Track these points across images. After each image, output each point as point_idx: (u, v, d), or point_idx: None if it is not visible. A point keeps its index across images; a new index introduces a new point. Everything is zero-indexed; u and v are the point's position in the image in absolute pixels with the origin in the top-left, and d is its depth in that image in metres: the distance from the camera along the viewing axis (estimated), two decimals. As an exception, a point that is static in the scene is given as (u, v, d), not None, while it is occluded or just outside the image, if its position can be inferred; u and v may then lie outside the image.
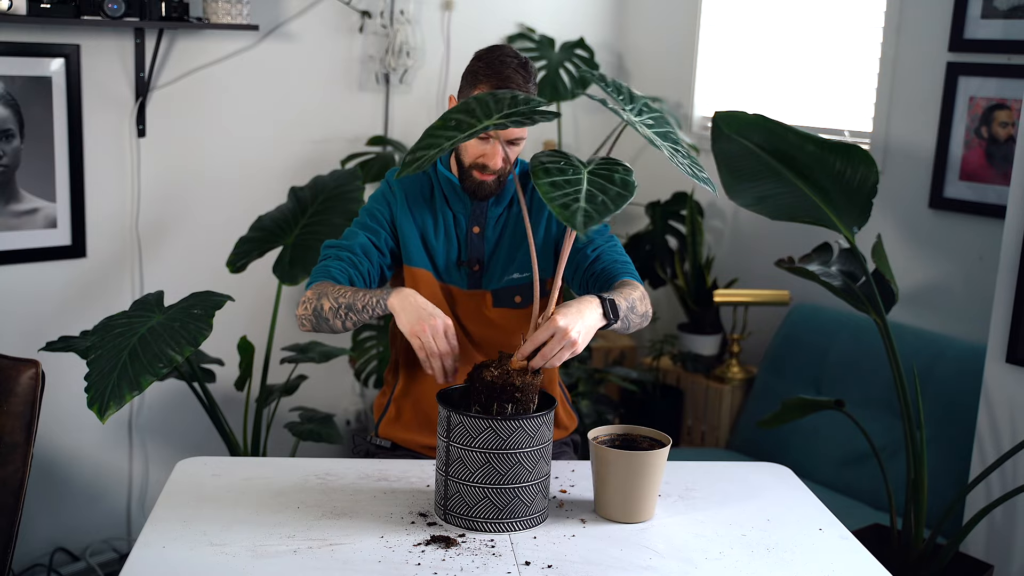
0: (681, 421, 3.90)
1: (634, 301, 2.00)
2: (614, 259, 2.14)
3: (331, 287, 2.04)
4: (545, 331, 1.80)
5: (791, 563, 1.71)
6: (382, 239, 2.16)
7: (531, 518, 1.79)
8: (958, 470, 2.97)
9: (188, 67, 3.21)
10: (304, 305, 2.06)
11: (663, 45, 4.21)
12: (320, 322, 2.05)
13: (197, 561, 1.62)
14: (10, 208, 2.94)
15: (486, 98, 1.77)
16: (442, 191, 2.18)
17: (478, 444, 1.74)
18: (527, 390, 1.79)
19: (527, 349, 1.81)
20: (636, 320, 2.03)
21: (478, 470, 1.75)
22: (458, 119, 1.75)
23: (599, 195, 1.60)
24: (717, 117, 2.62)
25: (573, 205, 1.57)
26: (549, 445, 1.80)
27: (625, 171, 1.67)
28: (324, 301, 2.02)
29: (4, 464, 1.90)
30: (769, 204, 2.56)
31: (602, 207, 1.58)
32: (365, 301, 1.99)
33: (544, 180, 1.60)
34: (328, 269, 2.11)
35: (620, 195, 1.61)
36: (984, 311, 3.08)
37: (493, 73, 2.04)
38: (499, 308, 2.20)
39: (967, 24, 3.19)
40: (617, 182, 1.64)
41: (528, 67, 2.08)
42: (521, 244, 2.19)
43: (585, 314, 1.85)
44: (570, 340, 1.80)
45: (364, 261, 2.14)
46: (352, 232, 2.17)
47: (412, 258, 2.17)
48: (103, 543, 3.28)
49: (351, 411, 3.78)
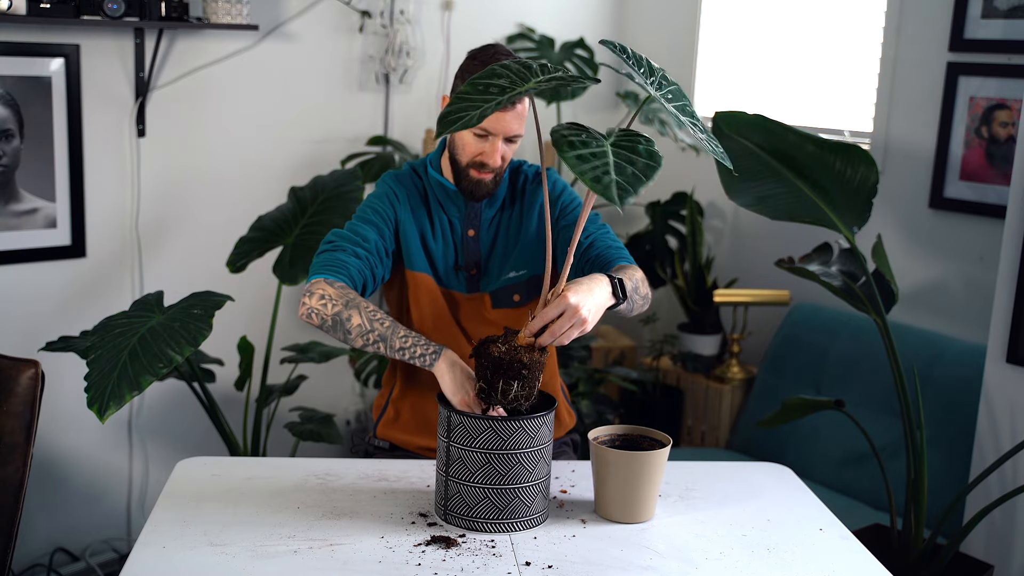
0: (681, 421, 3.90)
1: (637, 282, 2.00)
2: (608, 245, 2.13)
3: (363, 302, 1.95)
4: (555, 308, 1.76)
5: (791, 563, 1.71)
6: (387, 239, 2.12)
7: (532, 518, 1.79)
8: (958, 470, 2.97)
9: (188, 67, 3.21)
10: (324, 302, 1.96)
11: (663, 45, 4.21)
12: (337, 330, 1.96)
13: (197, 561, 1.62)
14: (10, 208, 2.94)
15: (514, 64, 1.69)
16: (435, 195, 2.16)
17: (478, 444, 1.74)
18: (534, 367, 1.76)
19: (536, 325, 1.77)
20: (639, 301, 2.02)
21: (479, 470, 1.75)
22: (492, 84, 1.67)
23: (627, 167, 1.56)
24: (717, 117, 2.62)
25: (605, 178, 1.52)
26: (549, 445, 1.80)
27: (647, 142, 1.62)
28: (354, 316, 1.93)
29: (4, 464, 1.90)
30: (769, 204, 2.56)
31: (633, 179, 1.54)
32: (405, 345, 1.92)
33: (570, 153, 1.54)
34: (346, 265, 2.02)
35: (648, 166, 1.57)
36: (984, 311, 3.08)
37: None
38: (499, 309, 2.20)
39: (967, 24, 3.19)
40: (642, 153, 1.59)
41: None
42: (516, 244, 2.19)
43: (595, 291, 1.83)
44: (580, 318, 1.76)
45: (379, 265, 2.08)
46: (360, 226, 2.10)
47: (414, 262, 2.15)
48: (103, 543, 3.28)
49: (351, 411, 3.78)
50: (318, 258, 2.06)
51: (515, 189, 2.21)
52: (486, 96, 1.65)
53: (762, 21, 3.95)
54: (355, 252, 2.05)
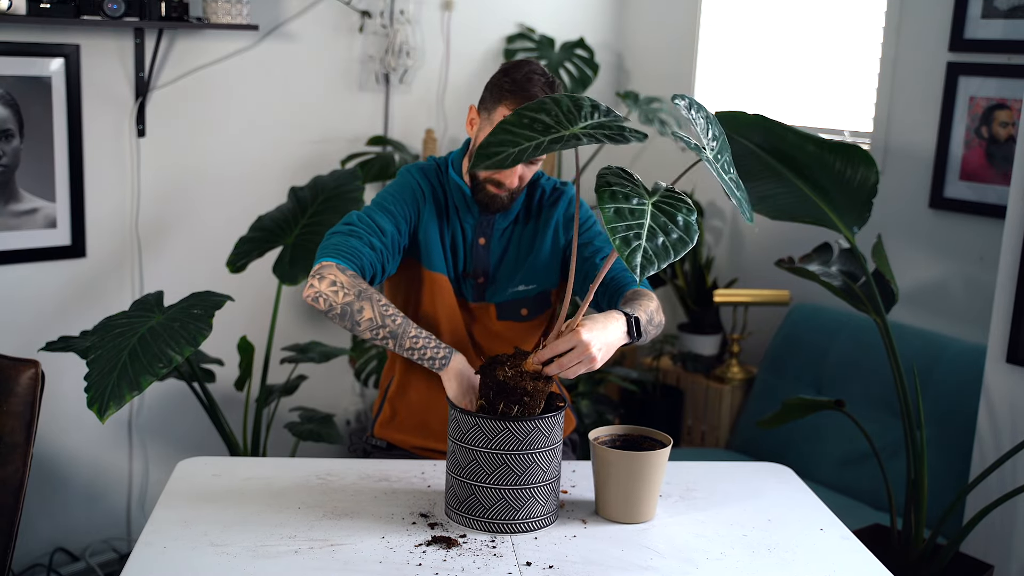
0: (681, 421, 3.90)
1: (652, 313, 1.98)
2: (622, 267, 2.10)
3: (376, 295, 1.92)
4: (567, 342, 1.76)
5: (792, 563, 1.72)
6: (403, 234, 2.07)
7: (546, 517, 1.80)
8: (958, 470, 2.97)
9: (188, 67, 3.21)
10: (335, 289, 1.91)
11: (663, 45, 4.21)
12: (345, 319, 1.91)
13: (198, 561, 1.62)
14: (10, 208, 2.94)
15: (565, 101, 1.62)
16: (452, 198, 2.14)
17: (494, 445, 1.74)
18: (536, 395, 1.78)
19: (545, 355, 1.77)
20: (653, 332, 2.01)
21: (494, 471, 1.75)
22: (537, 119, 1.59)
23: (660, 235, 1.51)
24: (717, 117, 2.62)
25: (635, 243, 1.47)
26: (560, 445, 1.81)
27: (688, 211, 1.57)
28: (367, 309, 1.90)
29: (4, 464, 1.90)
30: (769, 204, 2.56)
31: (662, 250, 1.49)
32: (415, 346, 1.90)
33: (610, 205, 1.50)
34: (360, 255, 1.98)
35: (681, 240, 1.52)
36: (984, 311, 3.08)
37: (518, 89, 1.98)
38: (504, 321, 2.18)
39: (967, 24, 3.19)
40: (680, 224, 1.54)
41: (555, 86, 2.01)
42: (527, 257, 2.16)
43: (610, 328, 1.82)
44: (590, 356, 1.76)
45: (391, 259, 2.04)
46: (380, 216, 2.05)
47: (433, 263, 2.12)
48: (103, 543, 3.28)
49: (351, 411, 3.78)
50: (332, 238, 2.00)
51: (531, 202, 2.19)
52: (530, 132, 1.57)
53: (762, 21, 3.95)
54: (370, 243, 2.00)
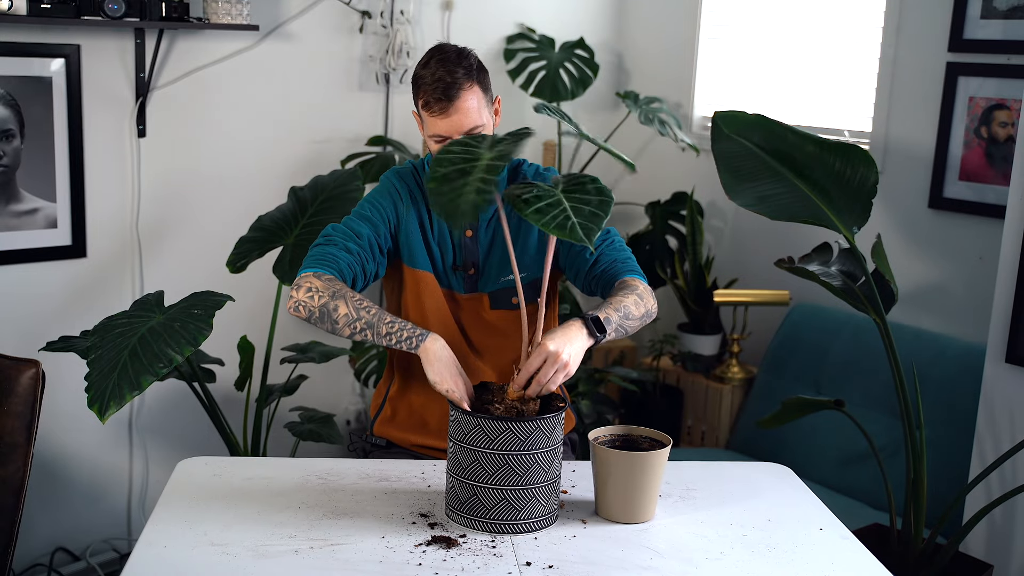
0: (681, 421, 3.90)
1: (627, 307, 1.99)
2: (613, 259, 2.13)
3: (349, 292, 1.97)
4: (537, 357, 1.82)
5: (792, 563, 1.72)
6: (382, 236, 2.12)
7: (547, 517, 1.80)
8: (958, 470, 2.97)
9: (188, 67, 3.21)
10: (311, 295, 1.96)
11: (663, 45, 4.21)
12: (324, 321, 1.96)
13: (198, 561, 1.63)
14: (10, 208, 2.94)
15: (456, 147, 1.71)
16: None
17: (496, 446, 1.74)
18: (532, 414, 1.83)
19: (522, 379, 1.83)
20: (634, 324, 2.02)
21: (496, 472, 1.75)
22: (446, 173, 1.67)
23: (584, 207, 1.66)
24: (717, 117, 2.62)
25: (567, 223, 1.63)
26: (560, 445, 1.82)
27: (592, 180, 1.73)
28: (341, 306, 1.95)
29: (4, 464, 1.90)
30: (769, 204, 2.55)
31: (592, 217, 1.65)
32: (392, 330, 1.92)
33: (529, 210, 1.65)
34: (336, 259, 2.03)
35: (602, 202, 1.68)
36: (984, 311, 3.08)
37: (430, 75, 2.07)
38: (497, 310, 2.19)
39: (967, 24, 3.19)
40: (592, 192, 1.70)
41: (464, 54, 2.08)
42: (515, 245, 2.18)
43: (571, 334, 1.87)
44: (562, 363, 1.82)
45: (371, 261, 2.09)
46: (356, 222, 2.11)
47: (416, 260, 2.15)
48: (103, 543, 3.28)
49: (351, 411, 3.78)
50: (311, 251, 2.07)
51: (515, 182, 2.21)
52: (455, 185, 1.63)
53: (762, 21, 3.95)
54: (346, 247, 2.06)
